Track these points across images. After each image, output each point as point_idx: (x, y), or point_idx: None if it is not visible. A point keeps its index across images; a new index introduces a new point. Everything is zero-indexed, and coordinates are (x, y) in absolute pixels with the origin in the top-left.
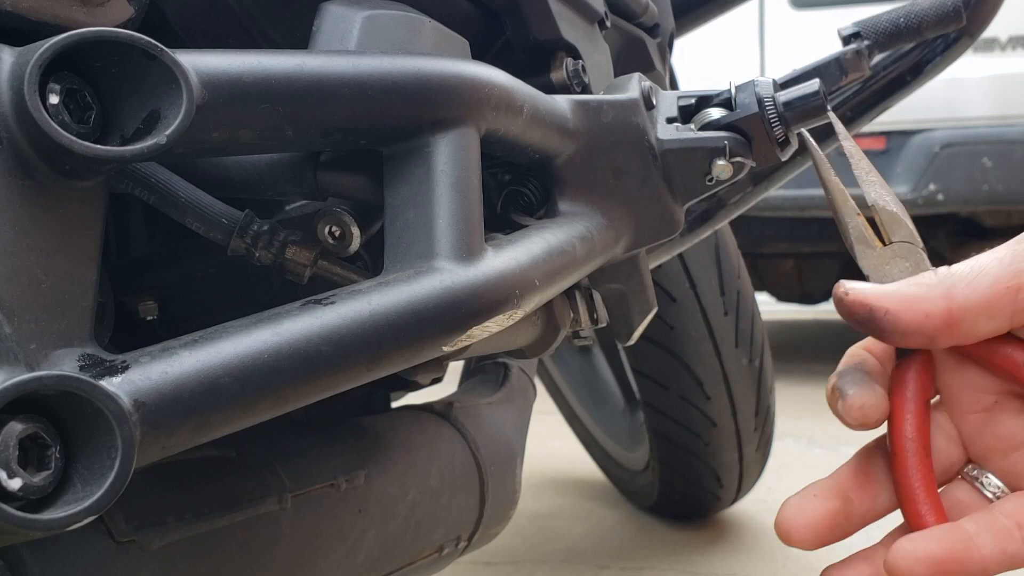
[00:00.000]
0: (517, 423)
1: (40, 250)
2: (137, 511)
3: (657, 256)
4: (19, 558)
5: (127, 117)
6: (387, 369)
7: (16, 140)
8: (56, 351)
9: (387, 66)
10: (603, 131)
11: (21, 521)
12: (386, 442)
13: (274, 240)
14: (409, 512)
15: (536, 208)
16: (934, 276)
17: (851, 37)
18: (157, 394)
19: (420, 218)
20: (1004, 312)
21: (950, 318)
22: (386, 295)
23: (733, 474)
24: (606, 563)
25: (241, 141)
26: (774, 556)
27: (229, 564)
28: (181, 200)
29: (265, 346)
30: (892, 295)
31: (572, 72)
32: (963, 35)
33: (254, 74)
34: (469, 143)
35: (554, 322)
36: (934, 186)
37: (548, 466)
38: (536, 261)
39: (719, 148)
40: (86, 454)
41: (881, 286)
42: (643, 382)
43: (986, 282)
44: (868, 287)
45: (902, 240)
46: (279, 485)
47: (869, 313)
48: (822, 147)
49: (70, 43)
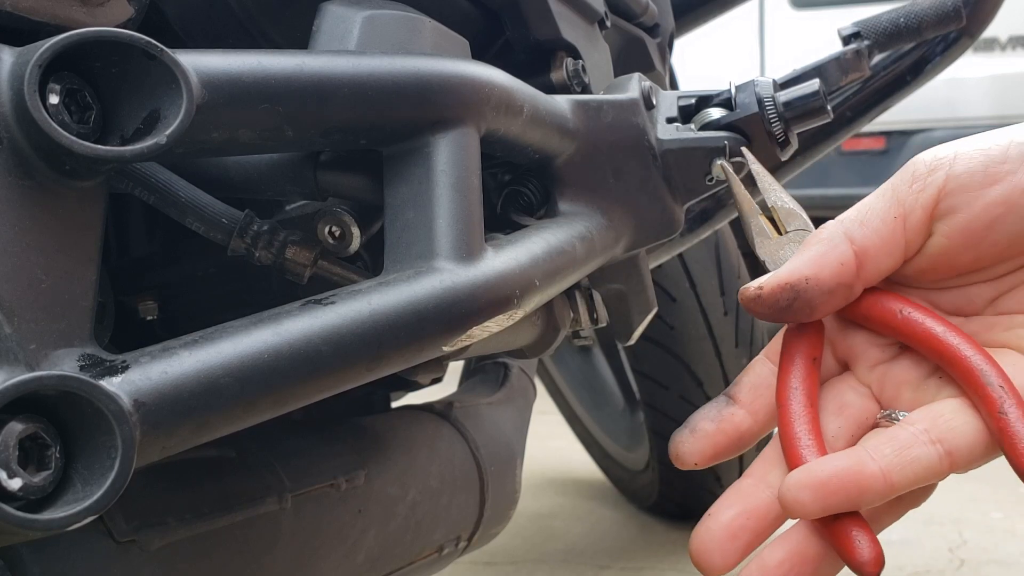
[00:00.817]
0: (517, 423)
1: (40, 250)
2: (137, 511)
3: (657, 256)
4: (19, 558)
5: (127, 117)
6: (387, 369)
7: (16, 140)
8: (56, 351)
9: (387, 66)
10: (603, 131)
11: (21, 521)
12: (386, 442)
13: (274, 240)
14: (409, 512)
15: (536, 208)
16: (824, 229)
17: (851, 37)
18: (157, 394)
19: (420, 218)
20: (899, 243)
21: (860, 259)
22: (386, 295)
23: (733, 474)
24: (606, 563)
25: (241, 141)
26: None
27: (229, 564)
28: (181, 200)
29: (265, 346)
30: (801, 262)
31: (572, 72)
32: (963, 35)
33: (254, 74)
34: (469, 143)
35: (554, 322)
36: None
37: (548, 466)
38: (536, 261)
39: (719, 148)
40: (86, 454)
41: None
42: (643, 382)
43: (876, 217)
44: (774, 272)
45: (796, 228)
46: (279, 485)
47: (791, 290)
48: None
49: (70, 43)
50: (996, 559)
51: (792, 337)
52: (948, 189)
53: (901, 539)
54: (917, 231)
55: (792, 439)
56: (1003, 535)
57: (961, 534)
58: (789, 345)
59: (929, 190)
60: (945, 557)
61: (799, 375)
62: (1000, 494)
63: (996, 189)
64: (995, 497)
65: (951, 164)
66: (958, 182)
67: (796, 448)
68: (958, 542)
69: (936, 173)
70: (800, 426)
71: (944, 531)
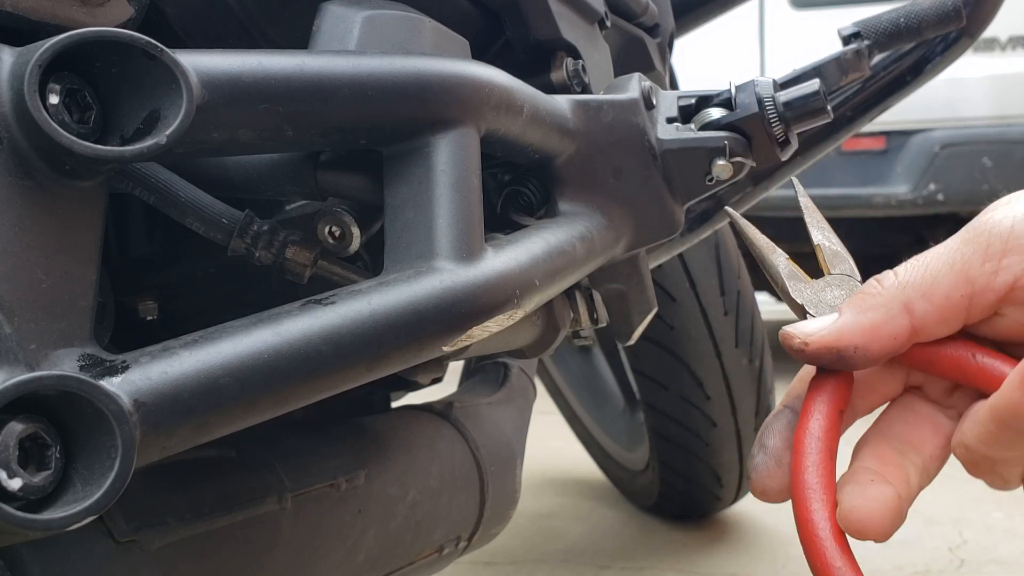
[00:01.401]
0: (517, 423)
1: (40, 250)
2: (137, 511)
3: (657, 256)
4: (19, 558)
5: (127, 117)
6: (387, 369)
7: (16, 140)
8: (56, 351)
9: (387, 66)
10: (603, 131)
11: (21, 521)
12: (386, 442)
13: (274, 240)
14: (409, 512)
15: (536, 208)
16: (881, 288)
17: (851, 37)
18: (157, 394)
19: (420, 218)
20: (960, 318)
21: (914, 332)
22: (386, 295)
23: (733, 474)
24: (606, 563)
25: (241, 141)
26: (774, 556)
27: (229, 564)
28: (181, 200)
29: (265, 346)
30: (852, 328)
31: (572, 72)
32: (963, 35)
33: (254, 74)
34: (469, 143)
35: (554, 322)
36: (934, 186)
37: (548, 466)
38: (536, 261)
39: (719, 148)
40: (86, 454)
41: (834, 322)
42: (643, 382)
43: (941, 292)
44: (822, 328)
45: (842, 273)
46: (279, 485)
47: (837, 355)
48: (820, 147)
49: (70, 43)
50: (996, 559)
51: (819, 383)
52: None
53: (901, 539)
54: (983, 310)
55: (803, 493)
56: (1003, 535)
57: (961, 534)
58: (815, 391)
59: (1003, 276)
60: (945, 557)
61: (820, 424)
62: (1000, 494)
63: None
64: (995, 497)
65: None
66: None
67: (807, 503)
68: (958, 542)
69: (1013, 256)
70: (813, 479)
71: (944, 531)
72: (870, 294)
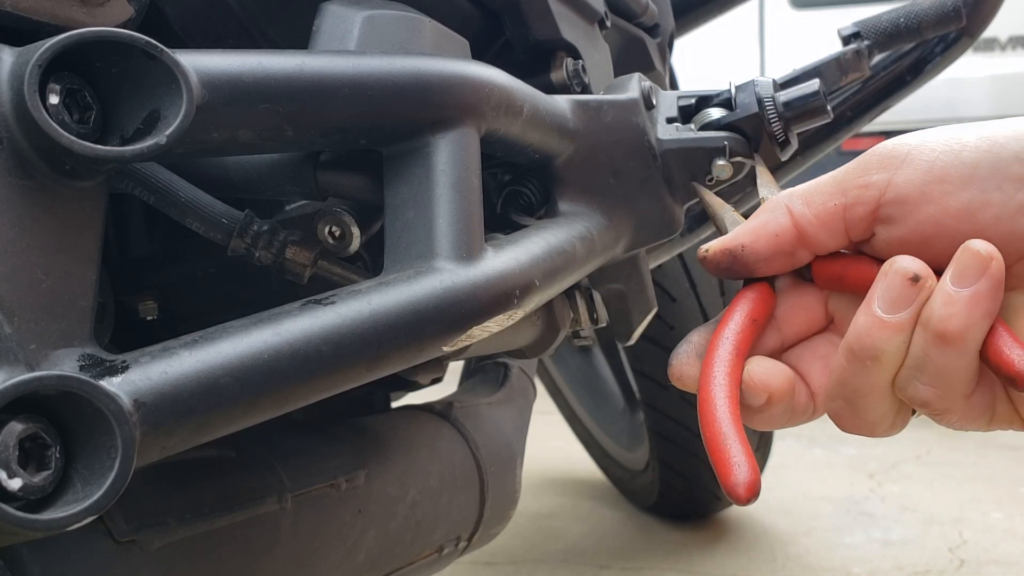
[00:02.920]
0: (517, 423)
1: (40, 250)
2: (137, 511)
3: (657, 256)
4: (19, 558)
5: (127, 117)
6: (387, 369)
7: (16, 140)
8: (56, 351)
9: (387, 66)
10: (603, 131)
11: (21, 521)
12: (386, 442)
13: (274, 240)
14: (409, 512)
15: (536, 208)
16: (775, 198)
17: (851, 37)
18: (157, 394)
19: (420, 218)
20: (839, 228)
21: (798, 232)
22: (386, 295)
23: None
24: (606, 563)
25: (241, 141)
26: (774, 556)
27: (229, 564)
28: (181, 200)
29: (265, 346)
30: (741, 231)
31: (572, 72)
32: (963, 35)
33: (254, 74)
34: (469, 143)
35: (554, 322)
36: None
37: (548, 466)
38: (536, 261)
39: (719, 148)
40: (86, 454)
41: (732, 231)
42: (643, 382)
43: (819, 199)
44: (722, 237)
45: None
46: (279, 485)
47: (730, 255)
48: (820, 147)
49: (70, 43)
50: (996, 559)
51: (741, 296)
52: (887, 198)
53: (901, 539)
54: (858, 225)
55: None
56: (1003, 535)
57: (961, 534)
58: (735, 302)
59: (871, 191)
60: (945, 557)
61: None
62: (1000, 494)
63: (928, 209)
64: (995, 497)
65: (899, 166)
66: (896, 192)
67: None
68: (958, 542)
69: (882, 173)
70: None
71: (944, 531)
72: (766, 202)
